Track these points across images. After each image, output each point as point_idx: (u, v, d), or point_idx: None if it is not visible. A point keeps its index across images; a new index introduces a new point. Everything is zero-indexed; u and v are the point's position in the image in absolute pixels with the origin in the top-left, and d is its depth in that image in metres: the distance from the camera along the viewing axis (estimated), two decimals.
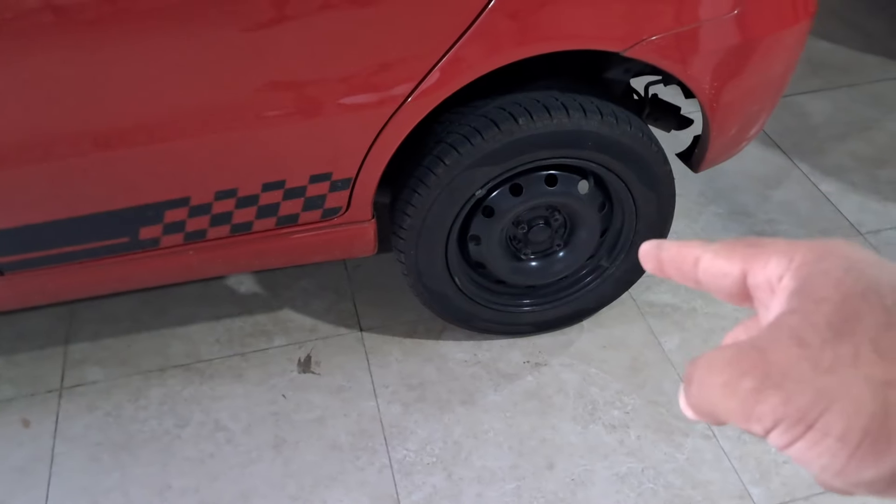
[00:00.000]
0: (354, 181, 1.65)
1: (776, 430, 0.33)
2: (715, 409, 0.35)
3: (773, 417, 0.33)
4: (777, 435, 0.34)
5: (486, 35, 1.50)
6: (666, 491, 1.79)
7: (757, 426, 0.34)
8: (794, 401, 0.33)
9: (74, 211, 1.55)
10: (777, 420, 0.33)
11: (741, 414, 0.34)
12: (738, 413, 0.34)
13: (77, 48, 1.35)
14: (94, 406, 1.96)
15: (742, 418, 0.34)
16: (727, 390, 0.34)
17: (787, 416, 0.33)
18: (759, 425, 0.34)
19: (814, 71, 3.09)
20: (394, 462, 1.84)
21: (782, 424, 0.33)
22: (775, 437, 0.34)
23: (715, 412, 0.36)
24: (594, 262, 1.99)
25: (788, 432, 0.33)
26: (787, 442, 0.34)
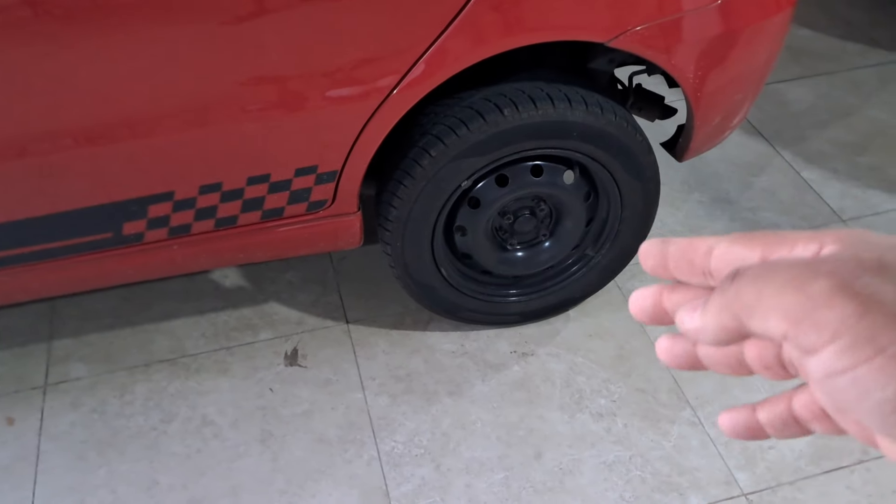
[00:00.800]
0: (340, 174, 1.64)
1: (834, 345, 0.31)
2: (755, 311, 0.33)
3: (837, 328, 0.30)
4: (833, 353, 0.31)
5: (471, 27, 1.50)
6: (653, 478, 1.80)
7: (811, 335, 0.31)
8: (869, 317, 0.30)
9: (57, 207, 1.53)
10: (840, 333, 0.30)
11: (797, 315, 0.31)
12: (793, 313, 0.31)
13: (57, 42, 1.33)
14: (78, 403, 1.94)
15: (793, 322, 0.31)
16: (791, 287, 0.32)
17: (856, 331, 0.30)
18: (814, 334, 0.31)
19: (795, 59, 3.11)
20: (382, 454, 1.84)
21: (845, 340, 0.30)
22: (829, 356, 0.31)
23: (750, 315, 0.33)
24: (580, 252, 1.99)
25: (852, 352, 0.30)
26: (848, 364, 0.31)
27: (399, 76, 1.52)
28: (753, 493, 1.78)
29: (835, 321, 0.30)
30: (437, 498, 1.76)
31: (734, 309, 0.34)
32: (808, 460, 1.83)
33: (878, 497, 1.76)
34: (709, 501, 1.76)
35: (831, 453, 1.84)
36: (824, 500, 1.76)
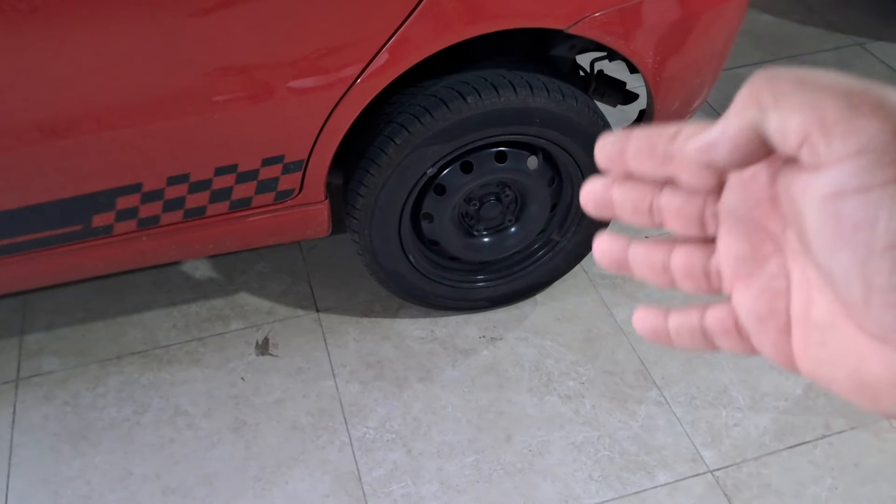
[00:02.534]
0: (307, 163, 1.66)
1: (857, 159, 0.28)
2: (784, 101, 0.30)
3: (867, 142, 0.28)
4: (853, 168, 0.28)
5: (433, 15, 1.52)
6: (622, 457, 1.83)
7: (836, 143, 0.28)
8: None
9: (25, 200, 1.54)
10: (868, 148, 0.28)
11: (830, 118, 0.29)
12: (827, 115, 0.29)
13: (22, 35, 1.34)
14: (51, 396, 1.95)
15: (822, 123, 0.29)
16: (834, 90, 0.29)
17: (885, 150, 0.28)
18: (839, 142, 0.28)
19: (755, 43, 3.15)
20: (354, 440, 1.86)
21: (871, 156, 0.28)
22: (848, 171, 0.28)
23: (778, 104, 0.30)
24: (546, 237, 2.02)
25: (873, 170, 0.28)
26: (865, 182, 0.28)
27: (363, 65, 1.54)
28: (719, 470, 1.82)
29: (869, 133, 0.28)
30: (410, 482, 1.79)
31: (762, 97, 0.31)
32: (772, 436, 1.87)
33: (840, 471, 1.81)
34: (676, 479, 1.80)
35: (795, 429, 1.88)
36: (788, 475, 1.80)
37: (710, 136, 0.33)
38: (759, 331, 0.37)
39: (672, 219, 0.39)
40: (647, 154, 0.37)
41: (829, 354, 0.34)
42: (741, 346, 0.39)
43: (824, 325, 0.34)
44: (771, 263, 0.36)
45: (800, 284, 0.35)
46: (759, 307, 0.37)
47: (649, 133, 0.37)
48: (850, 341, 0.33)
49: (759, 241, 0.36)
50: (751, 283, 0.37)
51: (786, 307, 0.36)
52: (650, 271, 0.41)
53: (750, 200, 0.36)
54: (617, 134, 0.39)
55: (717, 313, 0.39)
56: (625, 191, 0.40)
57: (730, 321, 0.39)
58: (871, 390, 0.33)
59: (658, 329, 0.42)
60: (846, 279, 0.30)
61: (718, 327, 0.39)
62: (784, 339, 0.36)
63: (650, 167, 0.37)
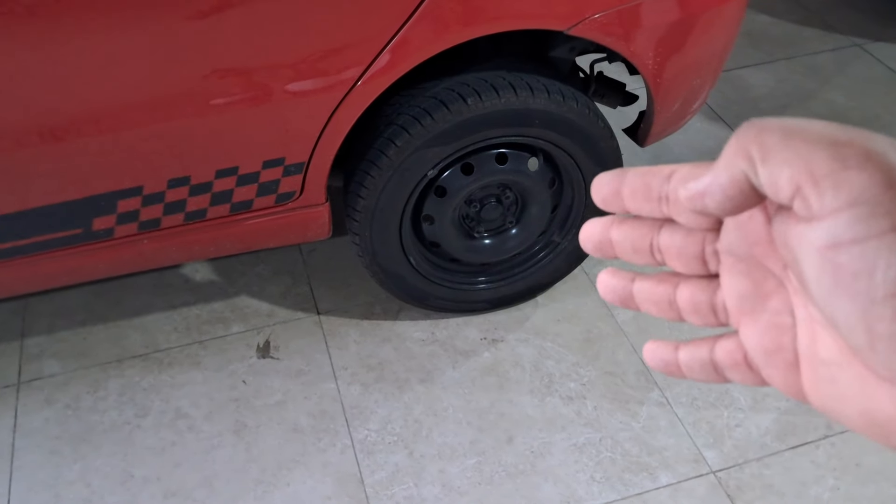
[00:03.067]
0: (307, 165, 1.66)
1: (850, 211, 0.28)
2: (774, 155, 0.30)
3: (859, 194, 0.28)
4: (847, 220, 0.29)
5: (433, 17, 1.52)
6: (623, 459, 1.83)
7: (828, 195, 0.29)
8: (894, 191, 0.28)
9: (26, 204, 1.54)
10: (861, 200, 0.28)
11: (820, 170, 0.29)
12: (817, 167, 0.29)
13: (21, 39, 1.34)
14: (52, 399, 1.95)
15: (812, 177, 0.29)
16: (824, 141, 0.29)
17: (878, 202, 0.28)
18: (831, 195, 0.29)
19: (754, 44, 3.16)
20: (356, 442, 1.86)
21: (864, 208, 0.28)
22: (842, 223, 0.29)
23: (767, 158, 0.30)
24: (546, 238, 2.02)
25: (868, 222, 0.28)
26: (860, 234, 0.28)
27: (363, 67, 1.54)
28: (721, 471, 1.82)
29: (859, 186, 0.28)
30: (411, 484, 1.79)
31: (751, 150, 0.31)
32: (773, 437, 1.87)
33: (842, 471, 1.81)
34: (678, 480, 1.80)
35: (796, 430, 1.88)
36: (790, 476, 1.81)
37: (701, 185, 0.33)
38: (769, 365, 0.37)
39: (673, 258, 0.40)
40: (642, 195, 0.38)
41: (838, 392, 0.34)
42: (752, 378, 0.39)
43: (832, 363, 0.34)
44: (774, 300, 0.36)
45: (804, 321, 0.35)
46: (765, 342, 0.37)
47: (644, 173, 0.37)
48: (859, 380, 0.33)
49: (760, 278, 0.37)
50: (756, 319, 0.37)
51: (792, 342, 0.36)
52: (656, 307, 0.42)
53: (749, 240, 0.36)
54: (612, 174, 0.39)
55: (726, 346, 0.40)
56: (624, 231, 0.41)
57: (739, 354, 0.39)
58: (882, 428, 0.33)
59: (669, 362, 0.42)
60: (848, 326, 0.30)
61: (729, 360, 0.39)
62: (793, 374, 0.36)
63: (647, 208, 0.38)
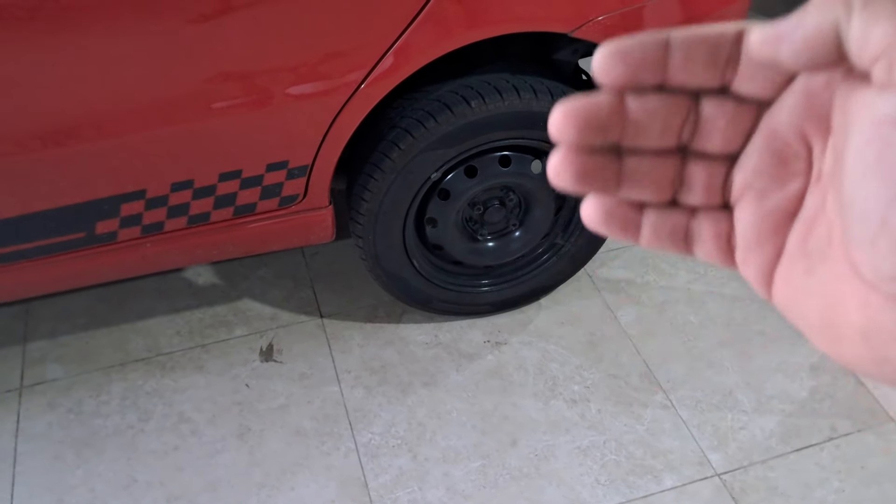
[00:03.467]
0: (311, 168, 1.65)
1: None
2: (875, 5, 0.27)
3: None
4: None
5: (436, 20, 1.51)
6: (628, 461, 1.83)
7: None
8: None
9: (29, 208, 1.54)
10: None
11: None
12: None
13: (25, 44, 1.33)
14: (55, 403, 1.94)
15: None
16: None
17: None
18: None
19: None
20: (359, 446, 1.86)
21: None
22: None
23: (868, 4, 0.27)
24: (550, 241, 2.02)
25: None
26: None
27: (367, 70, 1.53)
28: (726, 473, 1.81)
29: None
30: (416, 487, 1.79)
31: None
32: (778, 439, 1.87)
33: (846, 473, 1.81)
34: (683, 482, 1.80)
35: (801, 432, 1.88)
36: (795, 478, 1.80)
37: (782, 27, 0.29)
38: (753, 251, 0.35)
39: (717, 132, 0.35)
40: (704, 61, 0.33)
41: (808, 284, 0.33)
42: (722, 257, 0.36)
43: (816, 254, 0.33)
44: (794, 183, 0.34)
45: (810, 211, 0.33)
46: (764, 226, 0.35)
47: (704, 37, 0.32)
48: (836, 277, 0.31)
49: (792, 157, 0.34)
50: (764, 200, 0.35)
51: (785, 233, 0.34)
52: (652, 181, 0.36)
53: (810, 111, 0.33)
54: (640, 38, 0.33)
55: (713, 217, 0.36)
56: (651, 103, 0.34)
57: (724, 228, 0.36)
58: (837, 332, 0.32)
59: (627, 219, 0.37)
60: (864, 210, 0.29)
61: (710, 232, 0.36)
62: (771, 265, 0.35)
63: (703, 77, 0.33)
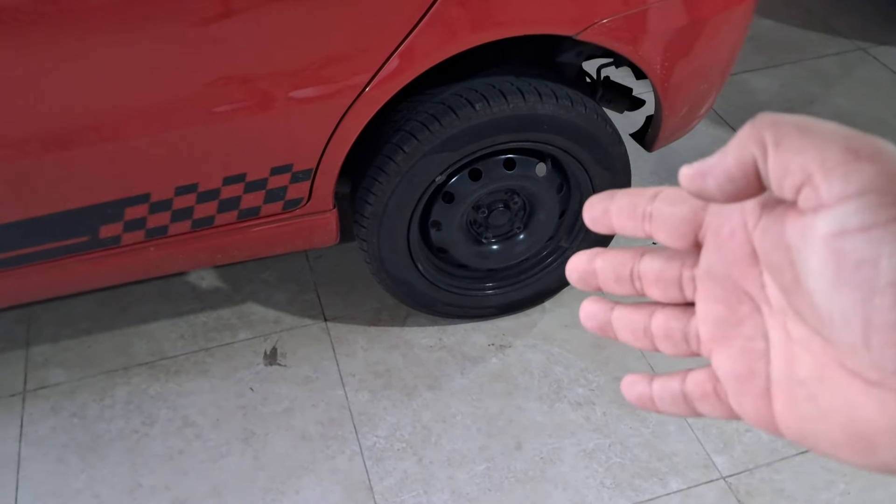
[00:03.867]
0: (315, 172, 1.65)
1: (858, 200, 0.29)
2: (788, 144, 0.31)
3: (869, 183, 0.29)
4: (855, 208, 0.29)
5: (441, 23, 1.51)
6: (633, 464, 1.83)
7: (837, 183, 0.29)
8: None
9: (32, 212, 1.53)
10: (870, 189, 0.29)
11: (832, 160, 0.29)
12: (829, 158, 0.30)
13: (27, 47, 1.33)
14: (58, 408, 1.94)
15: (824, 166, 0.30)
16: (838, 136, 0.30)
17: (887, 191, 0.29)
18: (841, 183, 0.29)
19: (758, 49, 3.16)
20: (364, 449, 1.85)
21: (872, 197, 0.29)
22: (850, 210, 0.29)
23: (780, 145, 0.31)
24: (554, 243, 2.02)
25: (875, 210, 0.29)
26: (867, 222, 0.29)
27: (371, 74, 1.53)
28: (732, 476, 1.81)
29: (869, 176, 0.29)
30: (421, 491, 1.78)
31: (764, 136, 0.32)
32: (783, 442, 1.86)
33: (852, 476, 1.80)
34: (689, 485, 1.79)
35: None
36: (801, 481, 1.80)
37: (705, 165, 0.34)
38: (740, 392, 0.37)
39: (651, 284, 0.41)
40: (627, 213, 0.39)
41: (819, 409, 0.34)
42: (721, 410, 0.40)
43: (812, 380, 0.34)
44: (748, 325, 0.37)
45: (780, 344, 0.35)
46: (737, 368, 0.37)
47: (631, 193, 0.40)
48: (843, 392, 0.32)
49: (735, 302, 0.37)
50: (729, 346, 0.38)
51: (765, 368, 0.36)
52: (632, 335, 0.42)
53: (728, 259, 0.37)
54: (602, 195, 0.41)
55: (697, 378, 0.40)
56: (606, 259, 0.42)
57: (709, 385, 0.39)
58: (867, 441, 0.32)
59: (643, 395, 0.43)
60: (845, 319, 0.30)
61: (698, 391, 0.40)
62: (764, 401, 0.36)
63: (630, 226, 0.40)
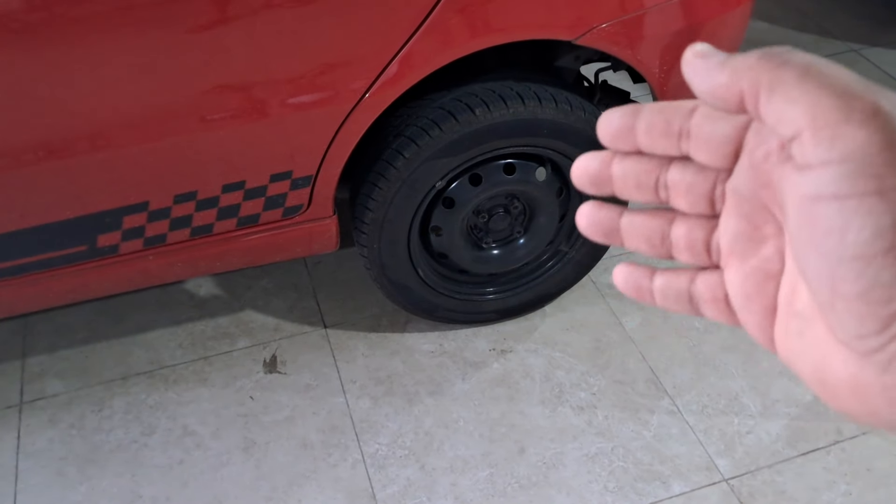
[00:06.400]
0: (315, 178, 1.64)
1: (839, 167, 0.29)
2: (784, 90, 0.30)
3: (853, 150, 0.28)
4: (834, 174, 0.29)
5: (440, 29, 1.51)
6: (636, 467, 1.82)
7: (823, 146, 0.29)
8: (889, 153, 0.28)
9: (29, 222, 1.52)
10: (853, 157, 0.28)
11: (824, 118, 0.29)
12: (822, 114, 0.29)
13: (24, 55, 1.32)
14: (56, 419, 1.92)
15: (815, 122, 0.29)
16: (837, 90, 0.29)
17: (869, 161, 0.28)
18: (826, 146, 0.29)
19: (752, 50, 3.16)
20: (366, 457, 1.84)
21: (853, 165, 0.28)
22: (828, 176, 0.29)
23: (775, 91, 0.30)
24: (554, 248, 2.01)
25: (853, 179, 0.28)
26: (843, 190, 0.29)
27: (371, 80, 1.53)
28: (734, 478, 1.81)
29: (855, 142, 0.28)
30: (424, 497, 1.77)
31: (764, 75, 0.31)
32: (784, 443, 1.86)
33: (853, 476, 1.80)
34: (691, 488, 1.79)
35: (807, 435, 1.88)
36: (802, 482, 1.80)
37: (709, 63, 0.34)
38: (746, 309, 0.37)
39: (680, 195, 0.39)
40: (660, 131, 0.37)
41: (802, 346, 0.34)
42: (726, 317, 0.39)
43: (804, 317, 0.34)
44: (768, 245, 0.36)
45: (791, 271, 0.35)
46: (748, 286, 0.37)
47: (662, 109, 0.37)
48: (820, 338, 0.33)
49: (760, 221, 0.36)
50: (745, 262, 0.37)
51: (774, 290, 0.36)
52: (646, 241, 0.40)
53: (760, 180, 0.35)
54: (623, 109, 0.38)
55: (708, 280, 0.39)
56: (628, 165, 0.39)
57: (720, 291, 0.39)
58: (831, 388, 0.33)
59: (642, 287, 0.41)
60: (816, 281, 0.31)
61: (708, 295, 0.39)
62: (768, 322, 0.37)
63: (663, 145, 0.37)
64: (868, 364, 0.31)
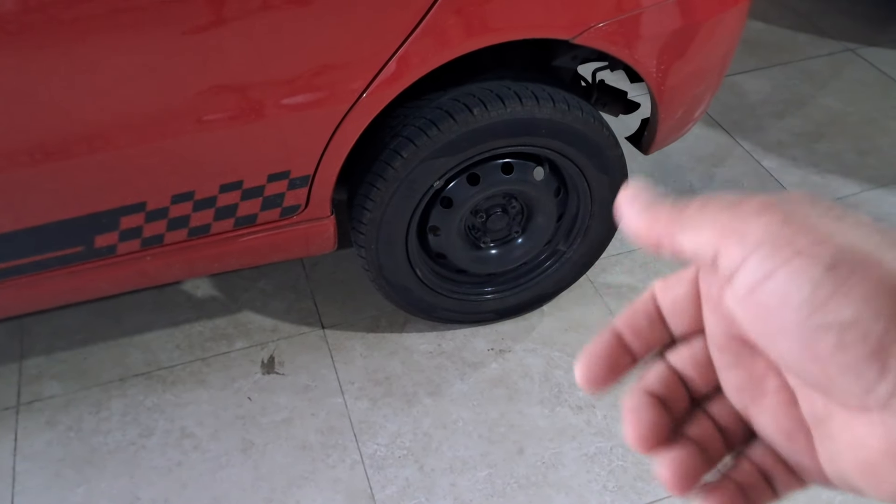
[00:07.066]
0: (313, 178, 1.64)
1: (757, 253, 0.32)
2: (692, 225, 0.34)
3: (761, 236, 0.32)
4: (756, 261, 0.32)
5: (437, 29, 1.51)
6: (635, 467, 1.82)
7: (736, 248, 0.32)
8: (790, 225, 0.32)
9: (25, 222, 1.51)
10: (763, 241, 0.32)
11: (727, 229, 0.33)
12: (724, 227, 0.33)
13: (21, 57, 1.32)
14: (53, 421, 1.92)
15: (722, 235, 0.33)
16: (727, 206, 0.34)
17: (777, 237, 0.31)
18: (739, 246, 0.32)
19: (749, 51, 3.17)
20: (365, 457, 1.84)
21: (766, 247, 0.31)
22: (753, 266, 0.32)
23: (686, 228, 0.34)
24: (552, 247, 2.01)
25: (772, 256, 0.31)
26: (769, 268, 0.31)
27: (368, 80, 1.52)
28: None
29: (759, 230, 0.32)
30: (423, 498, 1.77)
31: (675, 217, 0.35)
32: None
33: None
34: None
35: None
36: None
37: (627, 206, 0.38)
38: (795, 450, 0.36)
39: (696, 377, 0.40)
40: (647, 325, 0.41)
41: (836, 447, 0.34)
42: (796, 479, 0.37)
43: (823, 419, 0.34)
44: (770, 379, 0.37)
45: (797, 388, 0.35)
46: (782, 423, 0.36)
47: (633, 309, 0.41)
48: (846, 424, 0.33)
49: (749, 362, 0.37)
50: (762, 405, 0.37)
51: (800, 414, 0.36)
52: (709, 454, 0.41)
53: (724, 321, 0.37)
54: (599, 348, 0.41)
55: (744, 467, 0.38)
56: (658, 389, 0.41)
57: (769, 459, 0.38)
58: (872, 468, 0.32)
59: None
60: (801, 365, 0.32)
61: (771, 469, 0.38)
62: (813, 450, 0.36)
63: (656, 336, 0.41)
64: (890, 416, 0.30)
